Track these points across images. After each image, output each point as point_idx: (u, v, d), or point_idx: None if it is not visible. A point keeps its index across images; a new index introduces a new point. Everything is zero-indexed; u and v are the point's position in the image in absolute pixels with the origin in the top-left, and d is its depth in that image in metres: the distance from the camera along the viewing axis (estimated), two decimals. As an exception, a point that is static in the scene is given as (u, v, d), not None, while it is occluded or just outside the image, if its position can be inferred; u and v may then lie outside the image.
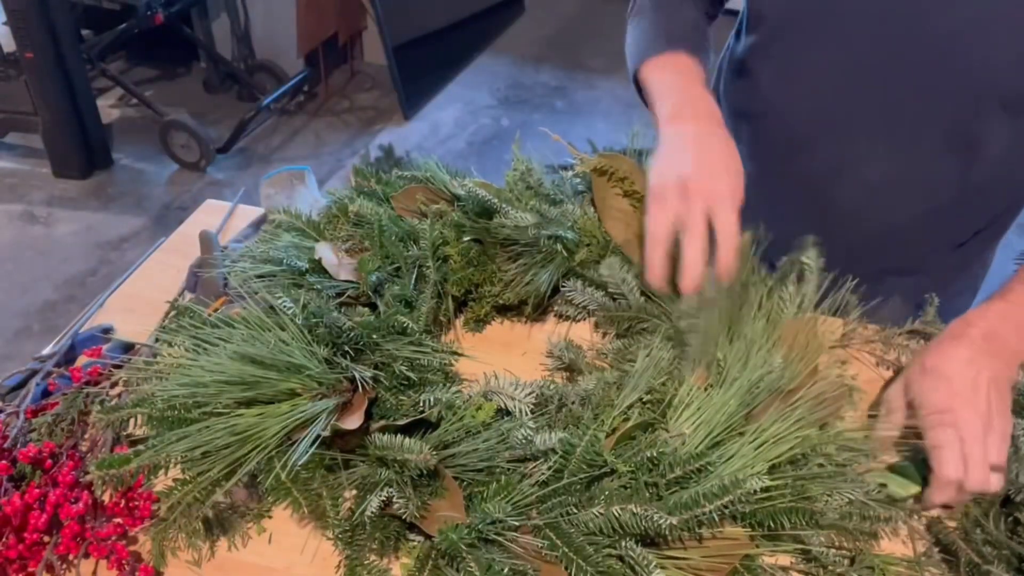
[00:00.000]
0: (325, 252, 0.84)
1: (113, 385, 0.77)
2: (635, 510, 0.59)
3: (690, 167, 0.71)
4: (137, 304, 0.92)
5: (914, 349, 0.85)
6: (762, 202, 0.77)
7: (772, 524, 0.64)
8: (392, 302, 0.79)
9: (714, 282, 0.70)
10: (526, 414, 0.70)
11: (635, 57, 0.90)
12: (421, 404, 0.70)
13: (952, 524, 0.70)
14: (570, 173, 0.90)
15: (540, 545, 0.61)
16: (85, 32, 3.06)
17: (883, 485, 0.70)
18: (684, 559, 0.62)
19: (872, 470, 0.71)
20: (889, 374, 0.85)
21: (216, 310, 0.81)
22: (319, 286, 0.81)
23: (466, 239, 0.86)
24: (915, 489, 0.70)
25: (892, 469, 0.72)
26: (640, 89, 0.89)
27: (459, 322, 0.89)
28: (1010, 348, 0.71)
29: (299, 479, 0.64)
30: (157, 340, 0.81)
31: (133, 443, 0.72)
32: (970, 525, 0.69)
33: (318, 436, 0.63)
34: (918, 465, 0.70)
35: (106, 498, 0.67)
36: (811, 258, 0.82)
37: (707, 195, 0.70)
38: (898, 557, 0.67)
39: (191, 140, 2.88)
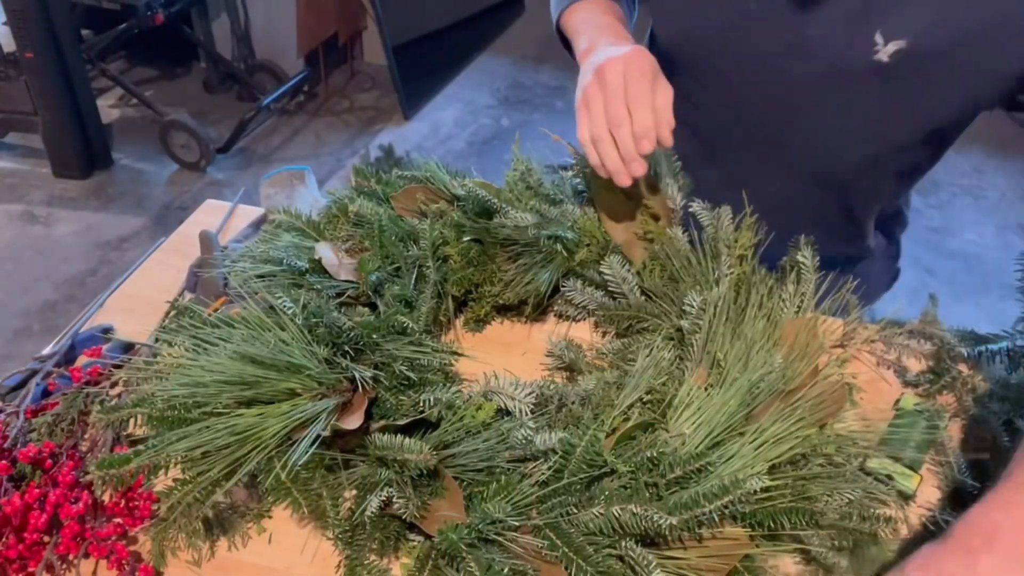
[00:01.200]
0: (325, 252, 0.85)
1: (113, 385, 0.77)
2: (635, 510, 0.59)
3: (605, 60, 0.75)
4: (137, 304, 0.92)
5: (915, 349, 0.85)
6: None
7: (772, 524, 0.64)
8: (392, 302, 0.79)
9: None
10: (526, 414, 0.70)
11: (555, 9, 0.95)
12: (421, 404, 0.70)
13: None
14: (570, 173, 0.90)
15: (540, 545, 0.61)
16: (85, 32, 3.06)
17: (889, 478, 0.70)
18: (684, 559, 0.61)
19: (875, 464, 0.71)
20: (890, 374, 0.85)
21: (216, 310, 0.81)
22: (319, 286, 0.81)
23: (466, 239, 0.86)
24: (917, 479, 0.70)
25: (895, 460, 0.72)
26: (563, 39, 0.95)
27: (459, 322, 0.89)
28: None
29: (299, 479, 0.64)
30: (157, 340, 0.81)
31: (133, 443, 0.72)
32: None
33: (318, 436, 0.63)
34: (920, 445, 0.70)
35: (106, 498, 0.67)
36: (807, 257, 0.82)
37: (624, 75, 0.73)
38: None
39: (191, 140, 2.88)
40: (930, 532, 0.71)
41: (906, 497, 0.71)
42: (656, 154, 0.86)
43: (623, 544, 0.61)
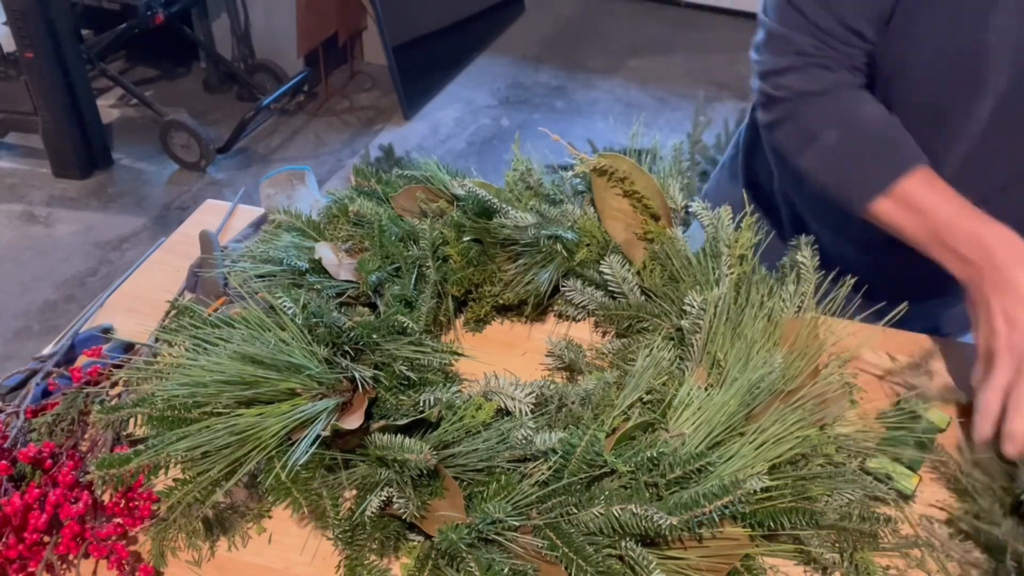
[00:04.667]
0: (325, 252, 0.85)
1: (113, 385, 0.77)
2: (635, 510, 0.59)
3: None
4: (137, 304, 0.92)
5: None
6: None
7: (772, 524, 0.64)
8: (392, 302, 0.79)
9: None
10: (526, 414, 0.70)
11: (855, 191, 0.83)
12: (421, 404, 0.70)
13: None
14: (570, 173, 0.90)
15: (540, 545, 0.61)
16: (85, 32, 3.06)
17: (888, 477, 0.70)
18: (684, 559, 0.62)
19: (875, 464, 0.71)
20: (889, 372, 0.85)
21: (216, 310, 0.81)
22: (319, 286, 0.81)
23: (466, 239, 0.86)
24: (916, 479, 0.71)
25: (895, 460, 0.72)
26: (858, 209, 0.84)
27: (459, 322, 0.89)
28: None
29: (299, 479, 0.64)
30: (157, 340, 0.81)
31: (133, 443, 0.72)
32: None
33: (318, 436, 0.63)
34: (920, 445, 0.71)
35: (106, 498, 0.67)
36: (806, 257, 0.82)
37: None
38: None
39: (191, 140, 2.88)
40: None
41: (905, 497, 0.71)
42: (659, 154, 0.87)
43: (623, 544, 0.61)
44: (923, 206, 0.79)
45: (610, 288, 0.84)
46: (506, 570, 0.59)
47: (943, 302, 1.02)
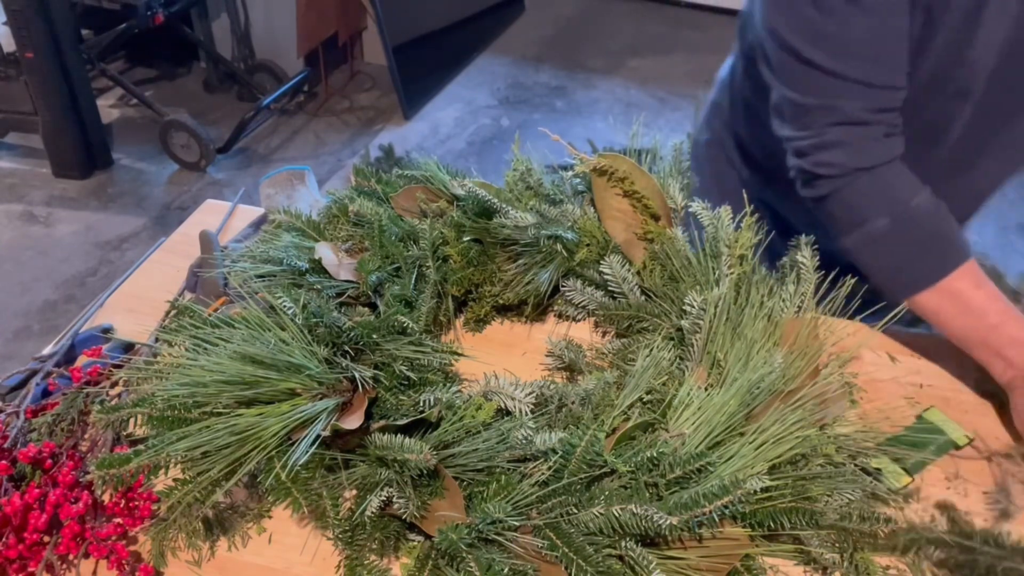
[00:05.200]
0: (325, 252, 0.85)
1: (113, 385, 0.77)
2: (635, 510, 0.59)
3: None
4: (137, 304, 0.92)
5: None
6: None
7: (772, 524, 0.64)
8: (392, 302, 0.79)
9: None
10: (526, 414, 0.70)
11: (899, 281, 0.83)
12: (421, 404, 0.70)
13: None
14: (570, 173, 0.90)
15: (540, 545, 0.61)
16: (85, 32, 3.05)
17: (877, 470, 0.70)
18: (684, 559, 0.62)
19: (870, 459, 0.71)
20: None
21: (216, 310, 0.81)
22: (319, 286, 0.81)
23: (466, 239, 0.86)
24: (907, 480, 0.71)
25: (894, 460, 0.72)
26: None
27: (459, 322, 0.89)
28: None
29: (299, 479, 0.64)
30: (157, 340, 0.81)
31: (133, 443, 0.72)
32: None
33: (318, 436, 0.63)
34: (930, 455, 0.70)
35: (106, 498, 0.67)
36: (807, 257, 0.82)
37: None
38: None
39: (191, 140, 2.88)
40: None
41: (892, 491, 0.71)
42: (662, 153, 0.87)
43: (623, 544, 0.61)
44: (971, 306, 0.79)
45: (610, 288, 0.84)
46: (506, 570, 0.59)
47: None
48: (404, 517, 0.63)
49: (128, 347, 0.84)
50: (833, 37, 0.77)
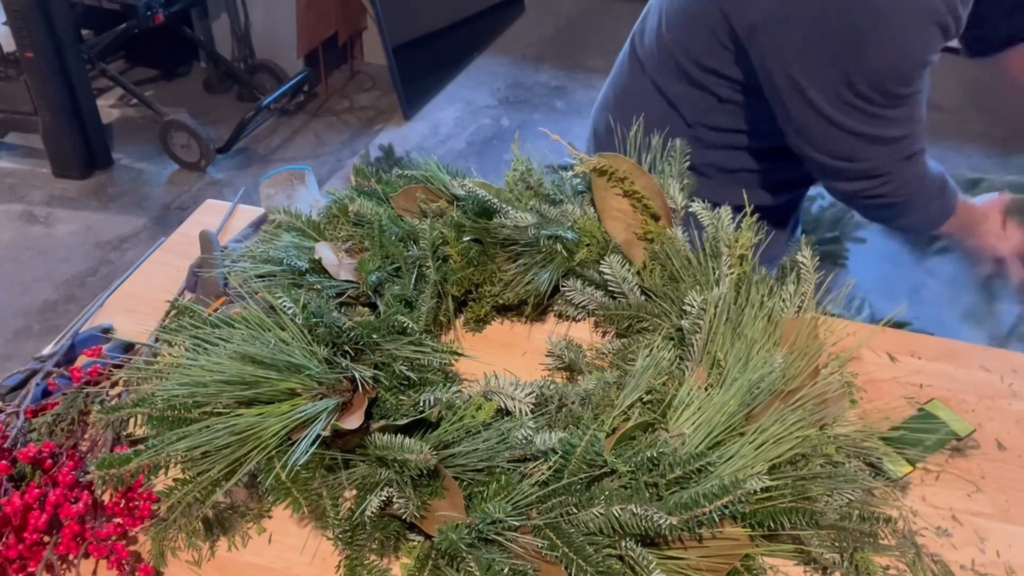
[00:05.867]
0: (325, 252, 0.84)
1: (113, 385, 0.77)
2: (635, 510, 0.59)
3: None
4: (137, 304, 0.92)
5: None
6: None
7: (772, 524, 0.64)
8: (392, 302, 0.79)
9: None
10: (526, 414, 0.70)
11: (940, 218, 1.08)
12: (421, 404, 0.70)
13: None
14: (570, 173, 0.90)
15: (540, 545, 0.61)
16: (85, 32, 3.06)
17: (879, 459, 0.71)
18: (684, 559, 0.61)
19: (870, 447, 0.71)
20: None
21: (216, 310, 0.81)
22: (319, 286, 0.81)
23: (466, 239, 0.86)
24: (908, 468, 0.71)
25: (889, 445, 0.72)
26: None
27: (459, 322, 0.89)
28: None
29: (299, 479, 0.64)
30: (157, 340, 0.81)
31: (133, 443, 0.72)
32: None
33: (318, 436, 0.63)
34: (930, 447, 0.71)
35: (106, 498, 0.67)
36: (807, 257, 0.82)
37: None
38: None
39: (191, 140, 2.88)
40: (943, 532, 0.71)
41: (891, 480, 0.71)
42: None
43: (623, 544, 0.61)
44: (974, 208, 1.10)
45: (610, 288, 0.84)
46: (506, 570, 0.59)
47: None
48: (404, 517, 0.63)
49: (128, 347, 0.84)
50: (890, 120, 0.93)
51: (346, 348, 0.72)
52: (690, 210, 0.85)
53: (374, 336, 0.73)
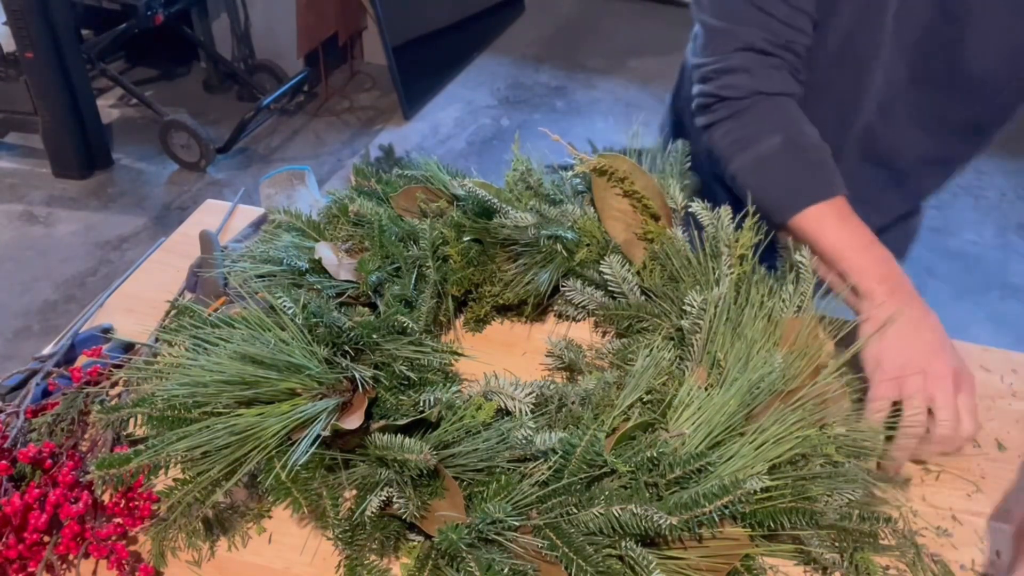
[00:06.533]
0: (325, 252, 0.84)
1: (113, 385, 0.77)
2: (635, 510, 0.59)
3: (929, 357, 0.73)
4: (137, 304, 0.92)
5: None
6: None
7: (772, 524, 0.64)
8: (392, 302, 0.79)
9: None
10: (526, 414, 0.70)
11: (784, 199, 0.84)
12: (421, 404, 0.70)
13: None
14: (570, 173, 0.90)
15: (540, 545, 0.61)
16: (85, 32, 3.06)
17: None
18: (684, 559, 0.61)
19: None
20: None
21: (216, 310, 0.81)
22: (319, 286, 0.81)
23: (466, 239, 0.86)
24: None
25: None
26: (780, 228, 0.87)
27: (459, 322, 0.89)
28: (908, 289, 0.76)
29: (299, 479, 0.64)
30: (157, 340, 0.81)
31: (133, 443, 0.72)
32: None
33: (318, 436, 0.63)
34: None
35: (106, 498, 0.67)
36: (806, 257, 0.82)
37: (940, 384, 0.71)
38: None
39: (191, 140, 2.88)
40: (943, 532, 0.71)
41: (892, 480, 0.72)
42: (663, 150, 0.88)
43: (623, 544, 0.61)
44: (854, 219, 0.82)
45: (610, 288, 0.84)
46: (506, 570, 0.59)
47: None
48: (404, 517, 0.63)
49: (128, 347, 0.84)
50: None
51: (346, 348, 0.72)
52: (690, 210, 0.85)
53: (374, 336, 0.73)
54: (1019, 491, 0.76)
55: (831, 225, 0.81)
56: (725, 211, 0.83)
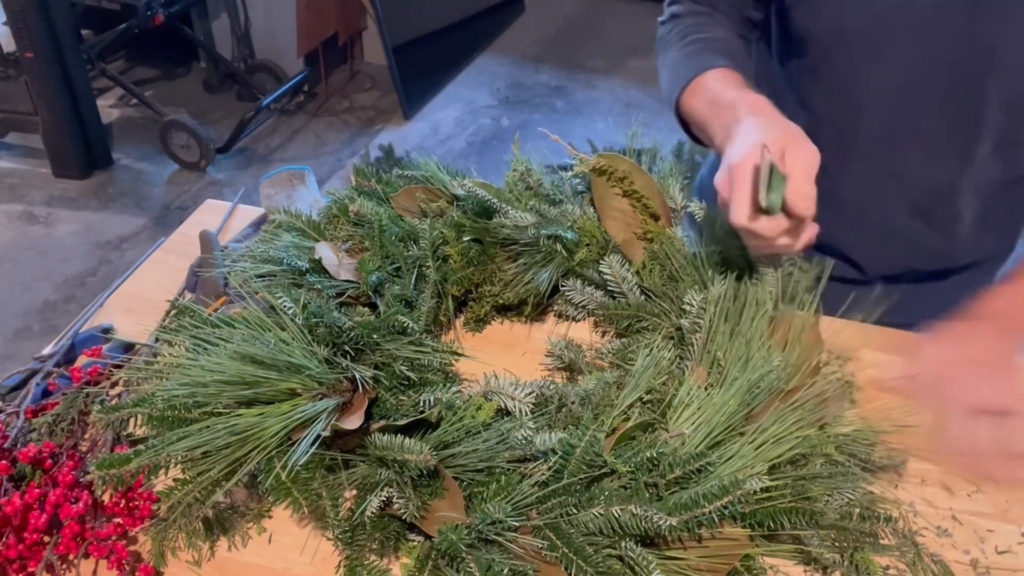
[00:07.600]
0: (325, 252, 0.85)
1: (113, 385, 0.77)
2: (635, 510, 0.59)
3: (772, 133, 0.71)
4: (137, 304, 0.92)
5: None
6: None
7: (772, 524, 0.64)
8: (392, 302, 0.79)
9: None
10: (526, 414, 0.70)
11: (673, 86, 0.87)
12: (421, 404, 0.70)
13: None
14: (570, 173, 0.90)
15: (540, 545, 0.61)
16: (85, 32, 3.06)
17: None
18: (684, 559, 0.62)
19: None
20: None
21: (216, 310, 0.81)
22: (319, 286, 0.81)
23: (466, 239, 0.86)
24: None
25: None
26: (682, 121, 0.89)
27: (459, 322, 0.89)
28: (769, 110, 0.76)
29: (299, 479, 0.64)
30: (157, 340, 0.81)
31: (133, 443, 0.72)
32: None
33: (318, 436, 0.63)
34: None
35: (106, 498, 0.67)
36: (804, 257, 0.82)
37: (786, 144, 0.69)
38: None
39: (191, 140, 2.88)
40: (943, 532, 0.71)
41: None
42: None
43: (623, 544, 0.61)
44: (715, 89, 0.83)
45: (610, 288, 0.84)
46: (506, 570, 0.59)
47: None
48: (404, 517, 0.63)
49: (128, 347, 0.84)
50: None
51: (346, 348, 0.72)
52: (690, 210, 0.85)
53: (374, 336, 0.73)
54: None
55: (703, 87, 0.84)
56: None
